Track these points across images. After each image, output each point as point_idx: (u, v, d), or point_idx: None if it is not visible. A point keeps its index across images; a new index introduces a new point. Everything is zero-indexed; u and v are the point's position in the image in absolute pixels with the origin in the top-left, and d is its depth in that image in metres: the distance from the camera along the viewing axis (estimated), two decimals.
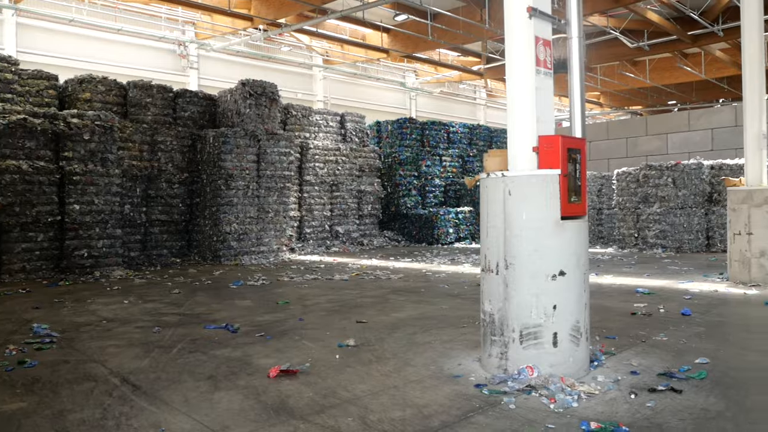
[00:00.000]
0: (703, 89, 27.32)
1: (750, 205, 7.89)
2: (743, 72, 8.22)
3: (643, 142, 18.74)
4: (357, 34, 21.26)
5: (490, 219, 3.90)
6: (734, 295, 7.30)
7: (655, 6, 17.66)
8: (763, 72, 8.13)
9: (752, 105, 8.08)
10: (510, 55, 4.03)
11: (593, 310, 6.25)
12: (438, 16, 18.09)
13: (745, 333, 5.39)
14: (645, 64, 24.16)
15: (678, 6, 17.09)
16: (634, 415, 3.26)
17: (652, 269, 9.97)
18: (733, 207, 8.07)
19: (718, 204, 12.74)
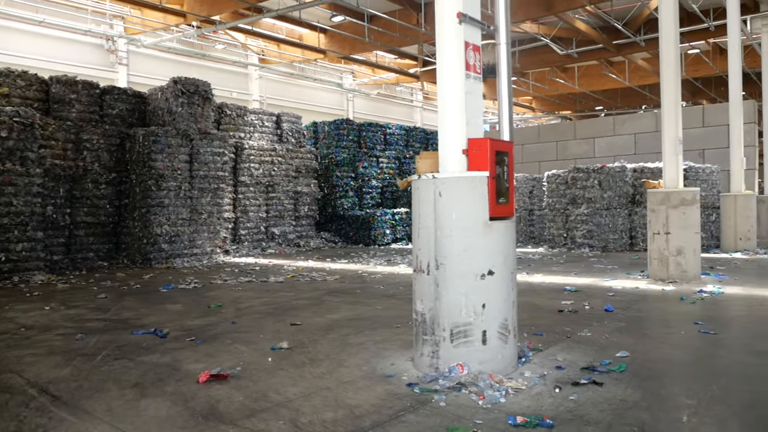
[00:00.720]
0: (628, 96, 28.66)
1: (668, 206, 8.34)
2: (661, 81, 8.68)
3: (572, 146, 19.45)
4: (294, 33, 21.08)
5: (421, 220, 3.96)
6: (653, 291, 7.70)
7: (583, 16, 18.40)
8: (679, 81, 8.60)
9: (669, 112, 8.54)
10: (441, 59, 4.11)
11: (523, 307, 6.46)
12: (375, 18, 18.19)
13: (662, 327, 5.69)
14: (574, 71, 25.13)
15: (604, 16, 17.87)
16: (558, 408, 3.38)
17: (580, 268, 10.37)
18: (653, 208, 8.50)
19: (640, 205, 13.40)
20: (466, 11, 4.06)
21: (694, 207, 8.34)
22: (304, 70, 25.64)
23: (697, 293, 7.30)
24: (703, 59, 21.58)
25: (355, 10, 17.52)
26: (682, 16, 17.42)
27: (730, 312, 6.38)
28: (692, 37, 18.73)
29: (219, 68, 22.50)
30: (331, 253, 14.26)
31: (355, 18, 18.05)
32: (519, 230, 15.74)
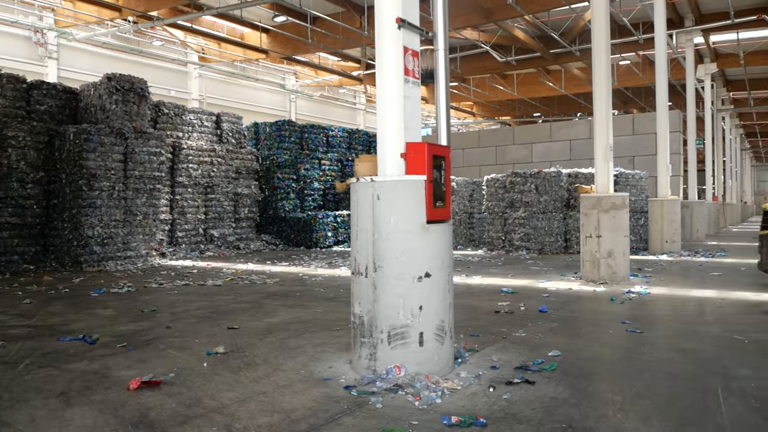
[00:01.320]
0: (564, 103, 29.68)
1: (599, 210, 8.68)
2: (593, 90, 9.03)
3: (511, 151, 19.97)
4: (235, 32, 20.73)
5: (360, 223, 3.97)
6: (586, 292, 7.99)
7: (522, 25, 18.94)
8: (610, 91, 8.98)
9: (601, 120, 8.90)
10: (380, 63, 4.13)
11: (461, 309, 6.57)
12: (318, 20, 18.13)
13: (592, 327, 5.91)
14: (513, 78, 25.80)
15: (541, 26, 18.44)
16: (492, 407, 3.46)
17: (517, 270, 10.65)
18: (585, 212, 8.83)
19: (574, 209, 13.88)
20: (405, 17, 4.11)
21: (623, 211, 8.71)
22: (246, 70, 25.25)
23: (625, 294, 7.63)
24: (634, 70, 22.59)
25: (297, 11, 17.41)
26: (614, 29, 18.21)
27: (656, 311, 6.68)
28: (623, 48, 19.59)
29: (157, 65, 21.86)
30: (271, 256, 14.08)
31: (297, 19, 17.93)
32: (459, 233, 16.00)
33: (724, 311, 6.52)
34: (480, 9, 16.44)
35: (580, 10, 16.85)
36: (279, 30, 19.30)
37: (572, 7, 15.94)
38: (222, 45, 21.79)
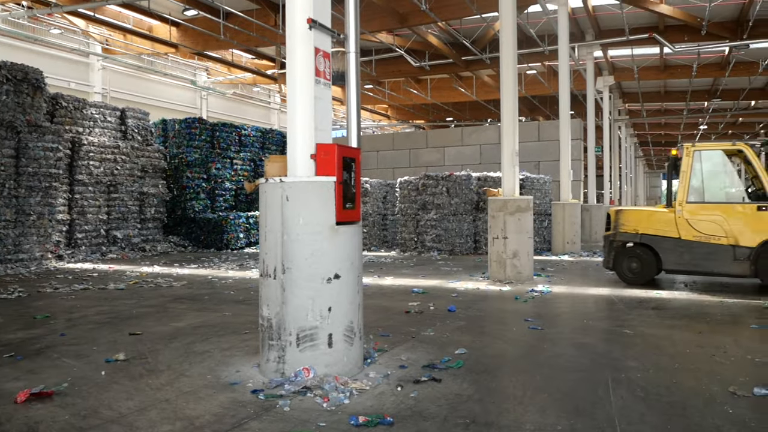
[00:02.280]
0: (475, 109, 30.61)
1: (505, 212, 9.03)
2: (501, 97, 9.39)
3: (424, 154, 20.36)
4: (142, 24, 19.80)
5: (268, 224, 3.92)
6: (493, 291, 8.29)
7: (436, 31, 19.35)
8: (516, 99, 9.37)
9: (508, 127, 9.27)
10: (291, 63, 4.10)
11: (372, 310, 6.63)
12: (231, 15, 17.67)
13: (497, 325, 6.15)
14: (427, 83, 26.32)
15: (454, 33, 18.93)
16: (399, 406, 3.52)
17: (428, 270, 10.87)
18: (493, 214, 9.16)
19: (483, 211, 14.35)
20: (316, 17, 4.10)
21: (528, 214, 9.11)
22: (154, 64, 24.20)
23: (529, 293, 7.98)
24: (540, 80, 23.67)
25: (209, 5, 16.88)
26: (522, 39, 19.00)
27: (556, 309, 7.04)
28: (530, 59, 20.46)
29: (54, 55, 20.51)
30: (179, 258, 13.59)
31: (209, 13, 17.39)
32: (373, 234, 16.13)
33: (616, 308, 6.97)
34: (395, 13, 16.65)
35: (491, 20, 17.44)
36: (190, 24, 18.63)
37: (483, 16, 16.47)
38: (128, 37, 20.74)
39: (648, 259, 8.60)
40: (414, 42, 19.93)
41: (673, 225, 8.38)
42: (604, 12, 17.61)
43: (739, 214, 8.08)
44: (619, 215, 8.94)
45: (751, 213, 7.99)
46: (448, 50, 20.09)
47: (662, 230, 8.49)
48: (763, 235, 7.84)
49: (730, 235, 8.01)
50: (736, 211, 8.12)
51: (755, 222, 7.92)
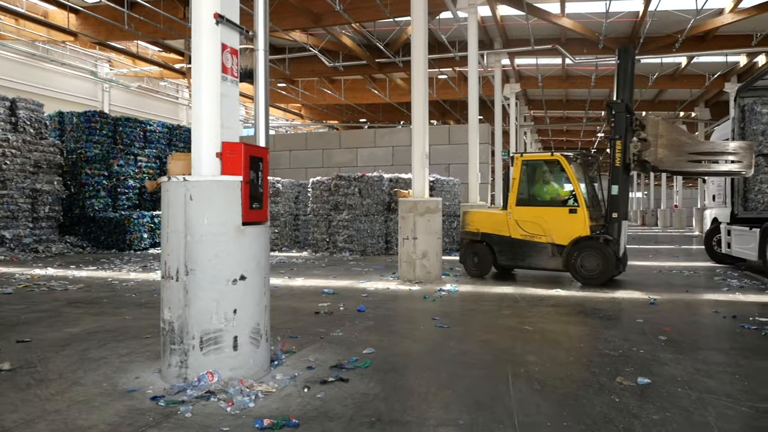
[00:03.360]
0: (388, 111, 30.98)
1: (415, 213, 9.20)
2: (412, 100, 9.56)
3: (337, 154, 20.36)
4: (37, 9, 18.49)
5: (171, 224, 3.78)
6: (402, 291, 8.42)
7: (349, 32, 19.41)
8: (426, 102, 9.57)
9: (418, 129, 9.45)
10: (197, 59, 3.98)
11: (281, 311, 6.56)
12: (137, 5, 16.87)
13: (406, 324, 6.26)
14: (341, 83, 26.34)
15: (368, 35, 19.08)
16: (305, 407, 3.51)
17: (339, 271, 10.89)
18: (403, 215, 9.31)
19: (395, 212, 14.55)
20: (224, 13, 4.00)
21: (437, 215, 9.34)
22: (50, 52, 22.65)
23: (437, 292, 8.18)
24: (450, 84, 24.32)
25: None
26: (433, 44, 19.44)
27: (463, 307, 7.26)
28: (442, 63, 20.96)
29: None
30: (77, 260, 12.81)
31: (113, 2, 16.53)
32: (284, 235, 15.93)
33: (519, 305, 7.29)
34: (309, 13, 16.55)
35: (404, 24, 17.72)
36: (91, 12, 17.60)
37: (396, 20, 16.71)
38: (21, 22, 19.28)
39: (486, 254, 9.81)
40: (328, 42, 19.89)
41: (506, 225, 9.58)
42: (512, 22, 18.37)
43: (555, 216, 9.21)
44: (466, 216, 10.12)
45: (564, 215, 9.11)
46: (362, 52, 20.21)
47: (497, 230, 9.68)
48: (573, 235, 8.97)
49: (548, 235, 9.20)
50: (553, 214, 9.25)
51: (567, 223, 9.06)
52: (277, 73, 22.37)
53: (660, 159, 8.55)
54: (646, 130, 8.60)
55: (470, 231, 10.00)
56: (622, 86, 8.96)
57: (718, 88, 22.91)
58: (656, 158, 8.57)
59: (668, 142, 8.47)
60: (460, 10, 15.11)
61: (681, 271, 11.23)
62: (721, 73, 21.81)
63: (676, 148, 8.47)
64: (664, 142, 8.49)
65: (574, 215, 9.01)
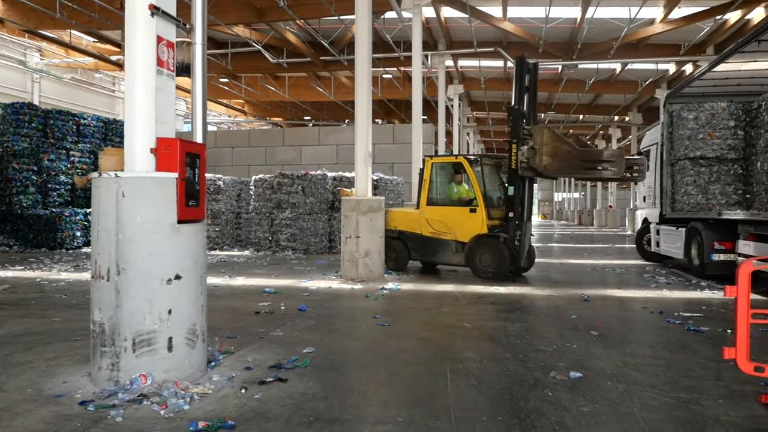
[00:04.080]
0: (333, 109, 30.88)
1: (358, 212, 9.21)
2: (356, 99, 9.56)
3: (280, 152, 20.15)
4: None
5: (101, 221, 3.65)
6: (344, 290, 8.41)
7: (294, 29, 19.23)
8: (370, 101, 9.58)
9: (361, 128, 9.46)
10: (131, 51, 3.85)
11: (221, 311, 6.45)
12: None
13: (347, 322, 6.25)
14: (285, 80, 26.06)
15: (312, 32, 18.95)
16: (242, 408, 3.45)
17: (281, 270, 10.77)
18: (346, 214, 9.30)
19: (338, 211, 14.50)
20: (159, 4, 3.89)
21: (380, 213, 9.37)
22: None
23: (379, 290, 8.22)
24: (395, 84, 24.46)
25: None
26: (378, 44, 19.51)
27: (404, 305, 7.30)
28: (387, 63, 21.07)
29: None
30: (2, 259, 12.17)
31: None
32: (225, 233, 15.62)
33: (459, 303, 7.41)
34: (252, 8, 16.29)
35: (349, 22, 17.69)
36: None
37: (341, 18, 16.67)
38: None
39: (402, 250, 10.40)
40: (272, 38, 19.63)
41: (418, 223, 10.22)
42: (456, 24, 18.64)
43: (458, 215, 9.80)
44: (388, 214, 10.56)
45: (466, 214, 9.69)
46: (306, 49, 20.06)
47: (411, 227, 10.30)
48: (473, 232, 9.55)
49: (452, 232, 9.83)
50: (456, 213, 9.83)
51: (468, 221, 9.64)
52: (220, 68, 21.93)
53: (545, 166, 9.00)
54: (533, 138, 9.08)
55: (390, 229, 10.41)
56: (518, 93, 9.47)
57: (650, 94, 23.97)
58: (542, 165, 9.00)
59: (552, 149, 8.97)
60: (404, 11, 15.22)
61: (614, 269, 11.68)
62: (653, 80, 22.82)
63: (559, 156, 8.93)
64: (548, 150, 8.95)
65: (474, 214, 9.58)
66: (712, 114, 10.10)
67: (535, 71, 9.62)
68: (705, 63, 13.09)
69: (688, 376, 4.23)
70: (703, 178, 10.26)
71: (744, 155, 9.93)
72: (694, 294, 8.27)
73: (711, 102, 10.25)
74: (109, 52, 22.86)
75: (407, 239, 10.28)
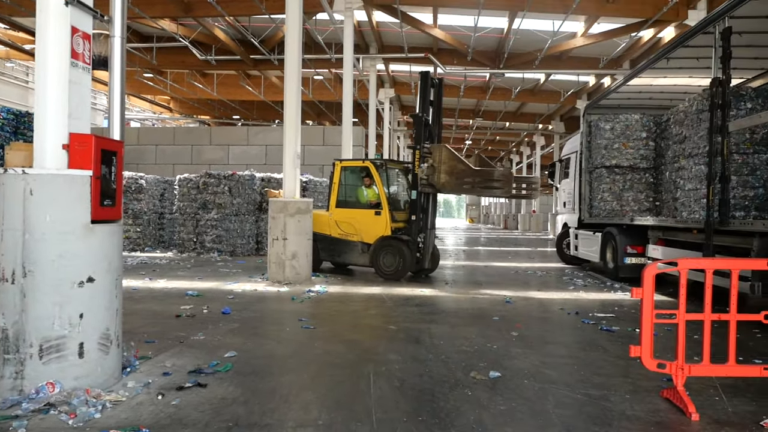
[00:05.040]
0: (263, 109, 30.37)
1: (286, 214, 9.11)
2: (285, 99, 9.46)
3: (207, 151, 19.64)
4: None
5: (6, 221, 3.43)
6: (271, 292, 8.30)
7: (223, 25, 18.79)
8: (299, 101, 9.51)
9: (290, 129, 9.37)
10: (42, 42, 3.65)
11: (139, 315, 6.22)
12: None
13: (272, 325, 6.17)
14: (213, 78, 25.40)
15: (242, 30, 18.59)
16: (158, 415, 3.34)
17: (206, 272, 10.50)
18: (273, 215, 9.18)
19: (266, 212, 14.29)
20: None
21: (307, 216, 9.31)
22: None
23: (306, 293, 8.16)
24: (326, 86, 24.38)
25: None
26: (310, 44, 19.39)
27: (331, 308, 7.29)
28: (318, 64, 20.95)
29: None
30: None
31: None
32: (147, 234, 15.06)
33: (386, 305, 7.47)
34: (179, 2, 15.78)
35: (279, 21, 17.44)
36: None
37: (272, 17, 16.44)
38: None
39: (314, 251, 10.15)
40: (200, 34, 19.10)
41: (327, 225, 10.49)
42: (387, 29, 18.79)
43: (364, 217, 10.15)
44: None
45: (371, 216, 10.04)
46: (236, 47, 19.66)
47: (322, 229, 10.48)
48: (378, 234, 9.94)
49: (359, 234, 10.18)
50: (363, 215, 10.18)
51: (373, 224, 10.02)
52: (144, 62, 21.12)
53: (443, 183, 9.59)
54: (433, 156, 9.63)
55: None
56: (422, 103, 9.96)
57: (572, 104, 25.03)
58: (440, 182, 9.58)
59: (449, 168, 9.56)
60: (336, 13, 15.21)
61: (535, 271, 12.12)
62: (574, 91, 23.85)
63: (456, 174, 9.52)
64: (446, 168, 9.54)
65: (379, 217, 9.95)
66: (627, 125, 10.66)
67: (439, 87, 10.24)
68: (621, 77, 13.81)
69: (599, 373, 4.45)
70: (618, 185, 10.80)
71: (655, 165, 10.55)
72: (608, 295, 8.71)
73: (626, 114, 10.82)
74: (22, 40, 21.53)
75: (318, 240, 10.39)
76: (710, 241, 6.74)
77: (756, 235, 6.24)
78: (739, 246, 6.59)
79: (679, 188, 8.75)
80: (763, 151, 7.87)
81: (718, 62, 6.55)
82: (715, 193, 6.66)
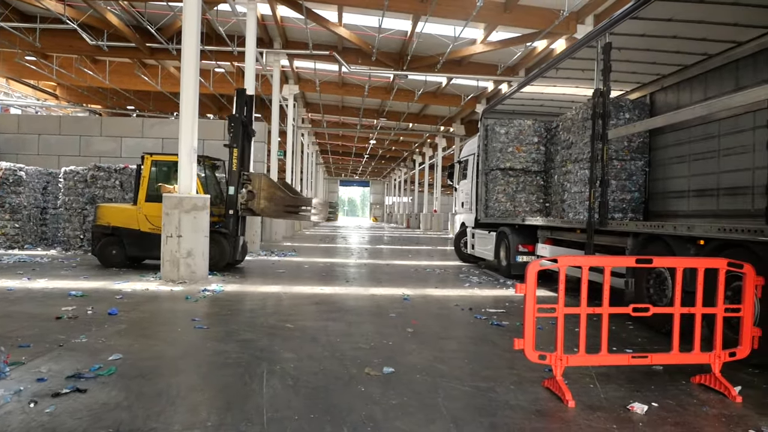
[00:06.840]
0: (160, 100, 29.01)
1: (181, 210, 8.76)
2: (181, 91, 9.09)
3: (97, 142, 18.45)
4: None
5: None
6: (163, 292, 7.95)
7: (116, 9, 17.75)
8: (197, 94, 9.18)
9: (186, 123, 9.03)
10: None
11: (14, 318, 5.79)
12: None
13: (162, 326, 5.92)
14: (105, 65, 23.92)
15: (137, 16, 17.65)
16: (29, 425, 3.11)
17: (93, 271, 9.88)
18: (167, 212, 8.80)
19: None
20: None
21: (204, 212, 9.00)
22: None
23: (201, 292, 7.90)
24: (228, 79, 23.70)
25: None
26: (211, 36, 18.79)
27: (227, 307, 7.09)
28: (220, 57, 20.33)
29: None
30: None
31: None
32: (27, 230, 13.95)
33: (283, 304, 7.39)
34: None
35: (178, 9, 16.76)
36: None
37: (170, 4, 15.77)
38: None
39: (120, 246, 10.48)
40: (90, 17, 17.91)
41: (135, 219, 10.42)
42: (292, 24, 18.56)
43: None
44: (98, 210, 10.82)
45: None
46: (131, 33, 18.66)
47: (127, 223, 10.44)
48: None
49: None
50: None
51: None
52: (25, 44, 19.51)
53: (262, 208, 10.52)
54: (252, 183, 10.47)
55: (102, 224, 10.56)
56: (240, 108, 10.72)
57: (471, 108, 25.95)
58: (260, 207, 10.51)
59: (268, 194, 10.48)
60: (239, 4, 14.85)
61: (434, 269, 12.46)
62: (474, 95, 24.73)
63: (274, 200, 10.51)
64: (265, 195, 10.45)
65: None
66: (520, 130, 11.20)
67: (250, 103, 11.03)
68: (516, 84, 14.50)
69: (488, 366, 4.65)
70: (512, 187, 11.33)
71: (545, 168, 11.16)
72: (501, 292, 9.11)
73: (519, 119, 11.37)
74: None
75: (123, 235, 10.34)
76: (591, 241, 7.23)
77: (630, 235, 6.77)
78: (617, 245, 7.12)
79: (566, 191, 9.33)
80: (638, 158, 8.57)
81: (599, 74, 7.03)
82: (596, 196, 7.14)
